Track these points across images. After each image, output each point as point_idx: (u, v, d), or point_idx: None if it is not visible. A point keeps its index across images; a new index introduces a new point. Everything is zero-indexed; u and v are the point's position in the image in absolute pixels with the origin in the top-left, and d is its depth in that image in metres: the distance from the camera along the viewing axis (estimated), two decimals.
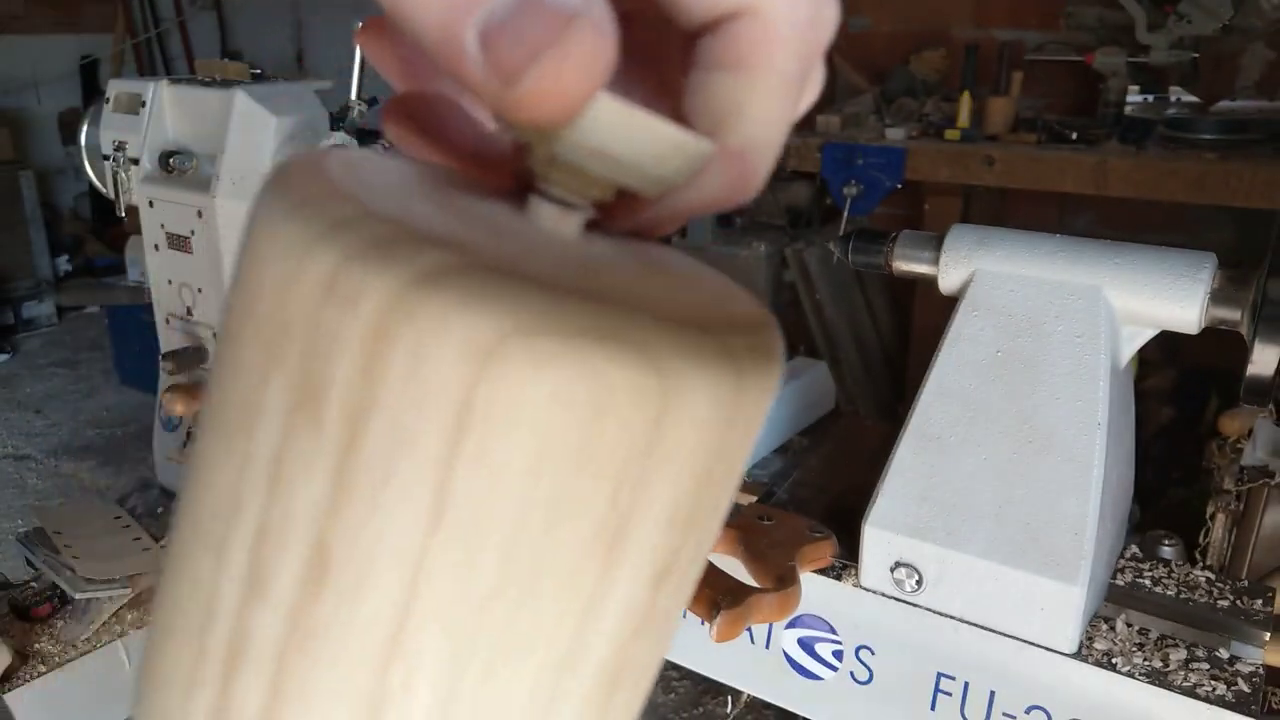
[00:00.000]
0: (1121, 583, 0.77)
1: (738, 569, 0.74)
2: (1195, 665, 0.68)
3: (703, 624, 0.67)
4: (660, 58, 0.18)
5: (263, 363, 0.14)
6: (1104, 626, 0.72)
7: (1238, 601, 0.75)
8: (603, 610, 0.15)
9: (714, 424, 0.14)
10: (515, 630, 0.14)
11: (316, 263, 0.13)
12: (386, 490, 0.13)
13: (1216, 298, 0.73)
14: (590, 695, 0.15)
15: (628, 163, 0.15)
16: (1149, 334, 0.76)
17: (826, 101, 1.71)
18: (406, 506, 0.13)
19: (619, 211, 0.17)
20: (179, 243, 1.00)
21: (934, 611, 0.73)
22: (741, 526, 0.78)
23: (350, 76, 1.00)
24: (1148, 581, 0.77)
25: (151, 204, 1.01)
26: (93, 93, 3.19)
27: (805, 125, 1.67)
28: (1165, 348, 0.79)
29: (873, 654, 0.75)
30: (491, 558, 0.13)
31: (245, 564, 0.14)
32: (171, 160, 1.00)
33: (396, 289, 0.12)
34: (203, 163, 0.99)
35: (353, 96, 1.01)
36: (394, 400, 0.13)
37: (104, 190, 1.07)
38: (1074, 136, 1.44)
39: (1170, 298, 0.73)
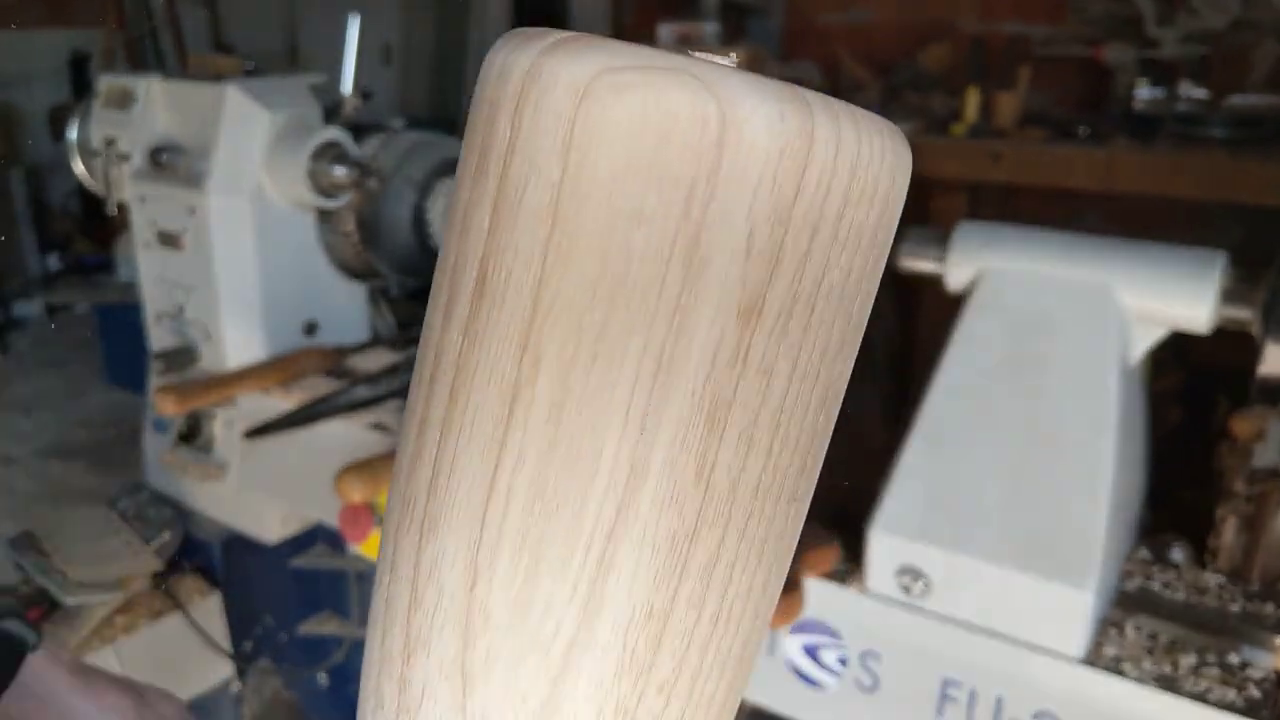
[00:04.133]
0: (1131, 587, 0.76)
1: None
2: (1205, 670, 0.67)
3: None
4: None
5: (466, 149, 0.19)
6: (1113, 631, 0.71)
7: (1248, 605, 0.74)
8: (689, 328, 0.17)
9: (780, 159, 0.16)
10: (611, 330, 0.17)
11: (496, 60, 0.18)
12: (519, 209, 0.17)
13: (1227, 296, 0.72)
14: (687, 420, 0.17)
15: None
16: (1159, 333, 0.75)
17: (830, 95, 1.69)
18: (532, 218, 0.17)
19: None
20: (170, 240, 0.98)
21: (941, 616, 0.71)
22: None
23: (343, 70, 0.98)
24: (1157, 585, 0.76)
25: (143, 200, 0.99)
26: (83, 88, 3.16)
27: None
28: (1174, 348, 0.78)
29: (878, 660, 0.74)
30: (591, 256, 0.17)
31: (445, 298, 0.19)
32: (162, 156, 0.98)
33: (531, 59, 0.17)
34: (194, 158, 0.97)
35: (346, 90, 0.99)
36: (525, 140, 0.17)
37: (92, 187, 1.05)
38: (1082, 132, 1.42)
39: (1180, 296, 0.72)
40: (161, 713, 0.37)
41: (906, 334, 1.57)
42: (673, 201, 0.17)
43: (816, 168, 0.17)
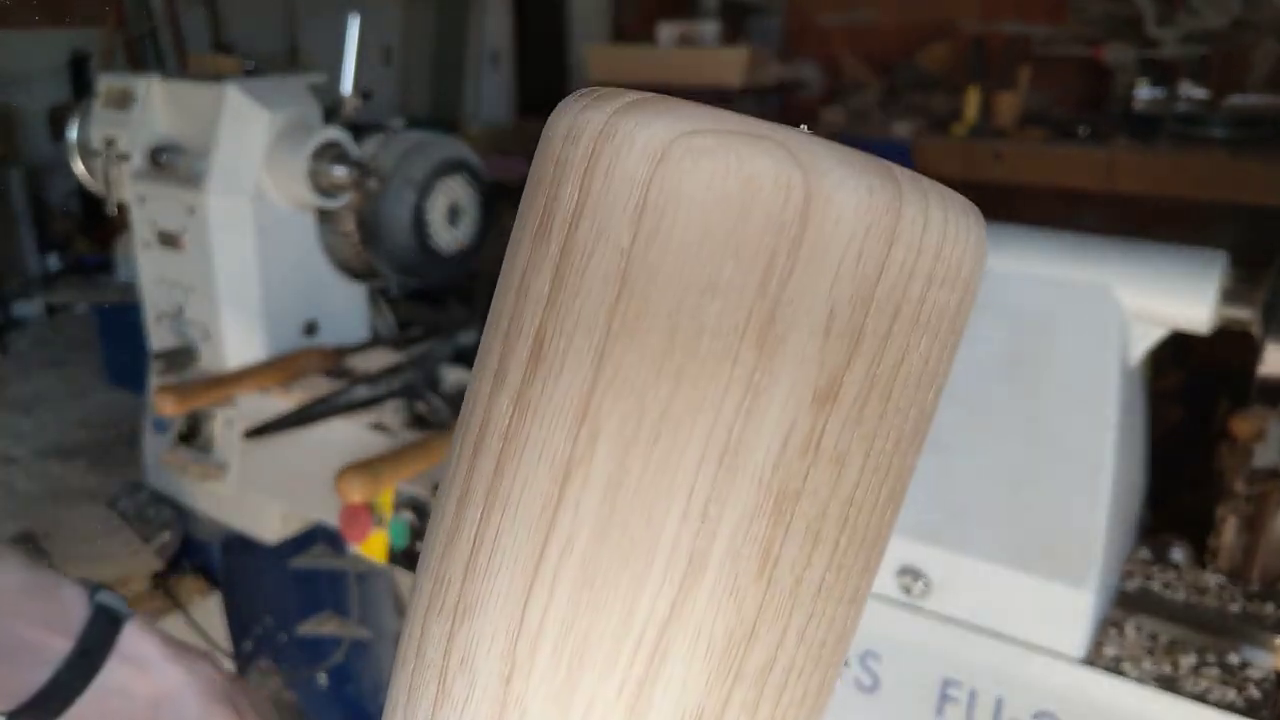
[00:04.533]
0: (1131, 587, 0.76)
1: None
2: (1205, 671, 0.67)
3: None
4: None
5: (525, 208, 0.18)
6: (1113, 631, 0.71)
7: (1248, 606, 0.74)
8: (760, 409, 0.16)
9: (866, 236, 0.16)
10: (676, 408, 0.16)
11: (564, 118, 0.17)
12: (585, 275, 0.16)
13: (1228, 296, 0.72)
14: (753, 509, 0.16)
15: None
16: (1159, 334, 0.75)
17: (831, 95, 1.69)
18: (598, 286, 0.16)
19: None
20: (170, 240, 0.98)
21: (941, 616, 0.71)
22: None
23: (344, 70, 0.98)
24: (1157, 585, 0.76)
25: (143, 200, 0.99)
26: (83, 88, 3.16)
27: (810, 119, 1.65)
28: (1174, 348, 0.78)
29: (878, 660, 0.74)
30: (660, 327, 0.16)
31: (496, 362, 0.18)
32: (162, 156, 0.98)
33: (604, 119, 0.17)
34: (194, 158, 0.97)
35: (346, 90, 0.99)
36: (595, 203, 0.16)
37: (92, 187, 1.05)
38: (1082, 132, 1.42)
39: (1181, 297, 0.72)
40: (241, 689, 0.39)
41: None
42: (750, 274, 0.16)
43: (903, 246, 0.16)
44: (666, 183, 0.16)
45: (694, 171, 0.16)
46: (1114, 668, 0.67)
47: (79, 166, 1.06)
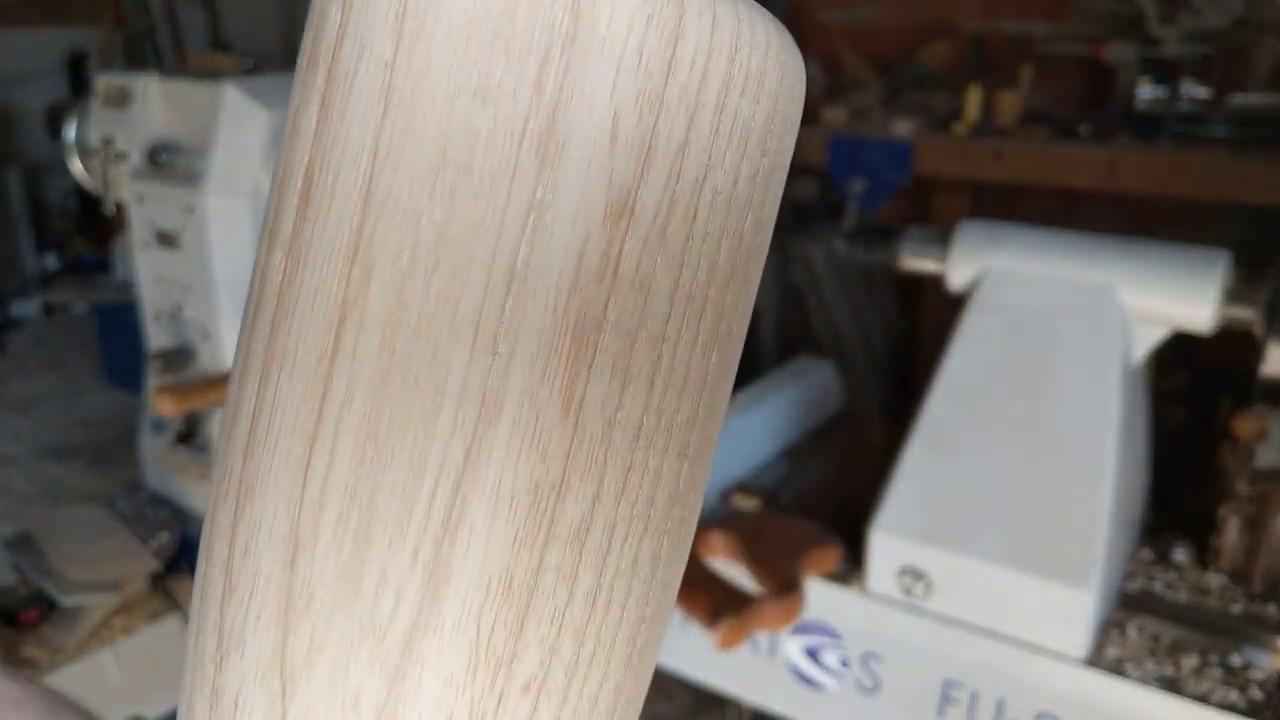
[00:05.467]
0: (1133, 587, 0.75)
1: (740, 575, 0.73)
2: (1207, 672, 0.67)
3: (705, 629, 0.65)
4: None
5: (301, 56, 0.16)
6: (1115, 632, 0.71)
7: (1250, 606, 0.74)
8: (547, 227, 0.14)
9: (647, 27, 0.14)
10: (455, 228, 0.14)
11: None
12: (350, 98, 0.15)
13: (1230, 296, 0.72)
14: (548, 343, 0.15)
15: None
16: (1162, 333, 0.74)
17: (832, 94, 1.69)
18: (362, 107, 0.15)
19: None
20: (168, 239, 0.97)
21: (942, 617, 0.71)
22: (744, 531, 0.76)
23: None
24: (1159, 586, 0.76)
25: (141, 199, 0.99)
26: (81, 87, 3.15)
27: (810, 119, 1.65)
28: (1177, 348, 0.78)
29: (880, 661, 0.74)
30: (430, 140, 0.14)
31: (271, 216, 0.16)
32: (160, 155, 0.97)
33: None
34: (192, 157, 0.96)
35: None
36: (356, 17, 0.15)
37: (90, 186, 1.05)
38: (1084, 131, 1.42)
39: (1183, 296, 0.72)
40: None
41: (909, 333, 1.57)
42: (523, 75, 0.14)
43: (690, 43, 0.14)
44: None
45: None
46: (1116, 669, 0.67)
47: (77, 166, 1.05)
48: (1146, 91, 1.43)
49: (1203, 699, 0.64)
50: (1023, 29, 1.66)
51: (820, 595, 0.75)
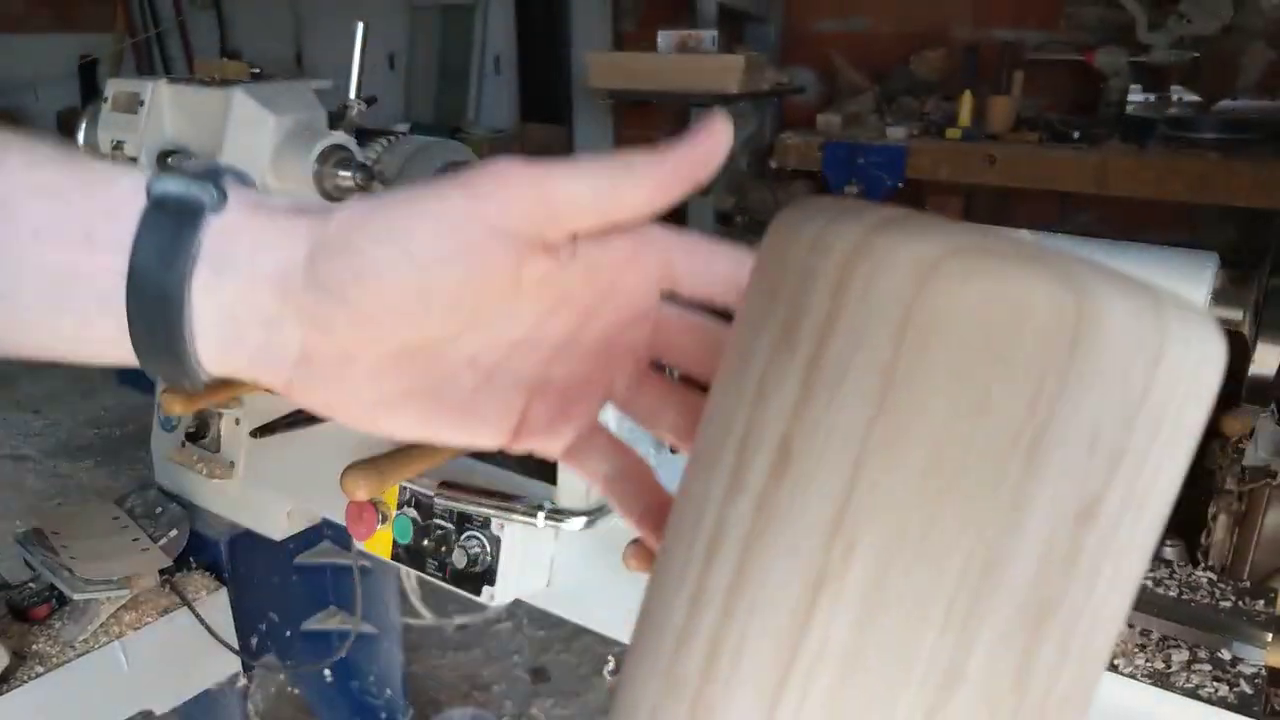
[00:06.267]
0: None
1: None
2: (1197, 667, 0.68)
3: None
4: None
5: (759, 314, 0.18)
6: None
7: (1239, 602, 0.75)
8: (1022, 525, 0.16)
9: (1135, 357, 0.16)
10: (940, 524, 0.16)
11: (806, 230, 0.17)
12: (840, 388, 0.16)
13: (1218, 298, 0.73)
14: (1011, 623, 0.16)
15: None
16: None
17: (827, 101, 1.71)
18: (855, 400, 0.16)
19: None
20: None
21: None
22: None
23: (349, 75, 0.99)
24: (1149, 582, 0.77)
25: None
26: (91, 92, 3.18)
27: (806, 124, 1.67)
28: None
29: None
30: (921, 447, 0.16)
31: (731, 465, 0.18)
32: (170, 159, 0.99)
33: (860, 234, 0.17)
34: (201, 161, 0.98)
35: (351, 95, 1.00)
36: (851, 315, 0.16)
37: None
38: (1075, 135, 1.43)
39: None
40: None
41: None
42: (1020, 396, 0.15)
43: (1166, 365, 0.16)
44: (934, 301, 0.16)
45: (964, 290, 0.16)
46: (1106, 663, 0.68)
47: None
48: (1136, 97, 1.45)
49: (1193, 693, 0.65)
50: (1014, 36, 1.68)
51: None
